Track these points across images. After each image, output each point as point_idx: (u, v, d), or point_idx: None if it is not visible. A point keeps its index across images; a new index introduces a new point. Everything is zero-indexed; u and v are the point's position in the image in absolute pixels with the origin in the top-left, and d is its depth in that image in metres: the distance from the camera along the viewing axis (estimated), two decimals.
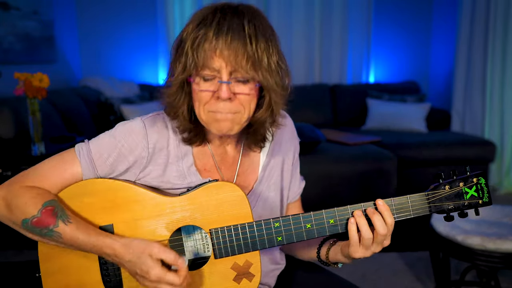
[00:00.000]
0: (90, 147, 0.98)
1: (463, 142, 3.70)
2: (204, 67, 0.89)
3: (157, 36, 4.53)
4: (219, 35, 0.87)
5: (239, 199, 0.97)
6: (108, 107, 3.67)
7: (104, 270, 0.97)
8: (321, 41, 4.77)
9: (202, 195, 0.97)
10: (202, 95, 0.91)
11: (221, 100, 0.90)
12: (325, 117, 4.54)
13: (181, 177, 1.01)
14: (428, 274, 2.43)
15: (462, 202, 0.98)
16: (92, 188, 0.97)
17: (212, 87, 0.91)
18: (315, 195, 2.95)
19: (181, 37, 0.92)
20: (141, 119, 1.01)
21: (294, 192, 1.19)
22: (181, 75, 0.91)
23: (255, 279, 0.99)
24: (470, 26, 4.06)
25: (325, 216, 0.97)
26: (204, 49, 0.87)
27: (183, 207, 0.97)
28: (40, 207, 0.92)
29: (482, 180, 0.98)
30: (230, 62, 0.87)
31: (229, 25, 0.88)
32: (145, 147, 0.98)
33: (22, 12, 3.48)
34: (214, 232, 0.96)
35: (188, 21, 0.93)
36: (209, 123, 0.94)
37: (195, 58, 0.88)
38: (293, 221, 0.97)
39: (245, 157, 1.09)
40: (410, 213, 0.97)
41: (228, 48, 0.87)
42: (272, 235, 0.96)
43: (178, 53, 0.92)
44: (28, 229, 0.93)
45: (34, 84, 2.29)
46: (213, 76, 0.90)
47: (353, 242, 0.95)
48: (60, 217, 0.92)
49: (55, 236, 0.92)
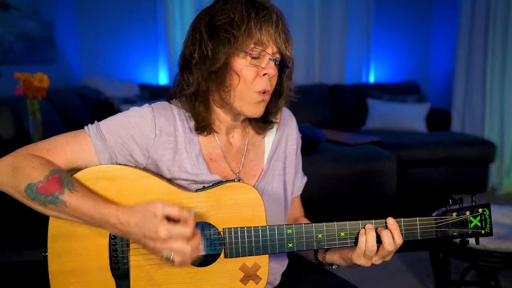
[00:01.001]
0: (100, 125, 1.00)
1: (463, 142, 3.70)
2: (258, 46, 0.96)
3: (157, 36, 4.53)
4: (278, 19, 0.98)
5: (255, 202, 0.98)
6: (108, 107, 3.67)
7: (113, 257, 0.97)
8: (321, 41, 4.78)
9: (220, 194, 0.98)
10: (248, 73, 0.97)
11: (265, 78, 0.98)
12: (325, 117, 4.54)
13: (191, 162, 1.03)
14: (428, 274, 2.43)
15: (465, 230, 1.02)
16: (110, 173, 0.97)
17: (256, 61, 0.98)
18: (315, 195, 2.95)
19: (229, 18, 0.96)
20: (149, 104, 1.04)
21: (297, 187, 1.21)
22: (235, 50, 0.96)
23: (261, 282, 1.00)
24: (470, 26, 4.06)
25: (337, 229, 0.99)
26: (267, 28, 0.96)
27: (199, 203, 0.97)
28: (47, 173, 0.91)
29: (487, 211, 1.03)
30: (278, 44, 0.98)
31: (274, 12, 0.98)
32: (153, 128, 1.00)
33: (22, 12, 3.48)
34: (227, 231, 0.97)
35: (218, 4, 0.99)
36: (248, 105, 1.00)
37: (254, 38, 0.96)
38: (306, 229, 0.98)
39: (250, 148, 1.12)
40: (417, 235, 1.01)
41: (281, 32, 0.98)
42: (283, 241, 0.98)
43: (228, 30, 0.96)
44: (31, 195, 0.91)
45: (34, 84, 2.29)
46: (262, 51, 0.97)
47: (359, 251, 0.98)
48: (66, 185, 0.91)
49: (59, 204, 0.90)
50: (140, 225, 0.87)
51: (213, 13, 0.98)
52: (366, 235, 0.97)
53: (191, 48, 1.00)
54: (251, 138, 1.13)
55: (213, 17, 0.98)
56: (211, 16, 0.98)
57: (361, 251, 0.97)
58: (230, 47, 0.95)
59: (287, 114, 1.19)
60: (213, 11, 0.99)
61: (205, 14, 1.00)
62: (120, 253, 0.97)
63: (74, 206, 0.90)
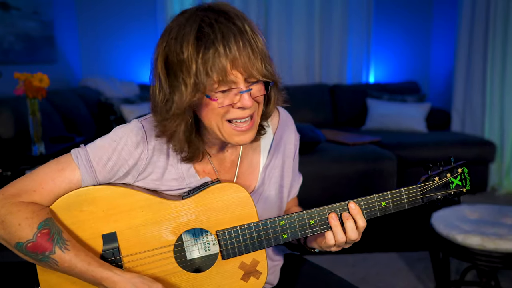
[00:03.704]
0: (87, 151, 0.94)
1: (463, 142, 3.70)
2: (222, 83, 0.85)
3: (157, 36, 4.48)
4: (229, 47, 0.82)
5: (244, 200, 0.97)
6: (108, 107, 3.67)
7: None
8: (321, 41, 4.78)
9: (206, 197, 0.97)
10: (221, 110, 0.87)
11: (241, 107, 0.87)
12: (325, 117, 4.54)
13: (179, 179, 1.00)
14: (428, 274, 2.43)
15: (448, 192, 1.04)
16: (91, 195, 0.93)
17: (228, 100, 0.87)
18: (315, 195, 2.95)
19: (179, 58, 0.85)
20: (139, 121, 0.98)
21: (294, 188, 1.20)
22: (193, 97, 0.85)
23: (262, 277, 1.00)
24: (470, 26, 4.06)
25: (327, 212, 0.98)
26: (220, 67, 0.83)
27: (188, 210, 0.96)
28: (35, 231, 0.86)
29: (465, 169, 1.06)
30: (245, 69, 0.84)
31: (231, 32, 0.83)
32: (145, 149, 0.95)
33: (22, 12, 3.48)
34: (221, 234, 0.97)
35: (170, 36, 0.87)
36: (230, 136, 0.91)
37: (211, 78, 0.83)
38: (297, 218, 0.98)
39: (244, 158, 1.08)
40: (404, 205, 1.01)
41: (241, 56, 0.83)
42: (277, 233, 0.98)
43: (179, 75, 0.86)
44: (21, 251, 0.88)
45: (34, 84, 2.29)
46: (229, 88, 0.86)
47: (330, 244, 0.99)
48: (57, 242, 0.87)
49: (50, 263, 0.88)
50: None
51: (168, 43, 0.88)
52: (333, 228, 0.97)
53: (154, 85, 0.92)
54: (245, 148, 1.07)
55: (168, 49, 0.88)
56: (168, 47, 0.88)
57: (332, 244, 0.98)
58: (194, 94, 0.85)
59: (284, 116, 1.14)
60: (168, 41, 0.88)
61: (162, 41, 0.91)
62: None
63: (67, 266, 0.88)
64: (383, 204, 0.99)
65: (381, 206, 0.99)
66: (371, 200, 0.99)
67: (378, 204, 0.99)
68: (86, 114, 3.51)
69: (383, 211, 1.00)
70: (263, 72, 0.86)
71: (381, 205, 0.99)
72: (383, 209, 1.00)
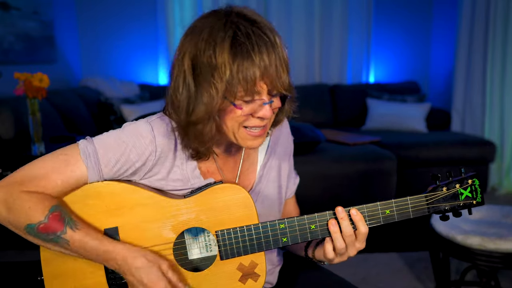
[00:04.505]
0: (96, 148, 0.94)
1: (463, 142, 3.70)
2: (248, 93, 0.87)
3: (157, 36, 4.53)
4: (263, 59, 0.85)
5: (245, 201, 0.98)
6: (108, 107, 3.68)
7: (110, 272, 0.97)
8: (321, 41, 4.78)
9: (208, 197, 0.97)
10: (241, 118, 0.91)
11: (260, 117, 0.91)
12: (325, 117, 4.54)
13: (184, 180, 1.01)
14: (428, 274, 2.43)
15: (457, 203, 1.02)
16: (96, 190, 0.95)
17: (249, 109, 0.90)
18: (315, 195, 2.95)
19: (210, 61, 0.86)
20: (148, 121, 0.98)
21: (290, 189, 1.20)
22: (222, 103, 0.88)
23: (260, 279, 1.00)
24: (470, 26, 4.06)
25: (329, 218, 0.98)
26: (252, 78, 0.85)
27: (189, 209, 0.97)
28: (47, 213, 0.89)
29: (476, 181, 1.03)
30: (272, 81, 0.87)
31: (264, 44, 0.86)
32: (153, 152, 0.96)
33: (22, 12, 3.48)
34: (220, 234, 0.97)
35: (201, 37, 0.88)
36: (244, 140, 0.95)
37: (241, 86, 0.86)
38: (298, 222, 0.98)
39: (246, 158, 1.11)
40: (409, 214, 1.00)
41: (270, 69, 0.86)
42: (277, 236, 0.98)
43: (209, 79, 0.87)
44: (31, 233, 0.90)
45: (34, 84, 2.28)
46: (253, 99, 0.89)
47: (330, 256, 1.00)
48: (68, 223, 0.90)
49: (61, 243, 0.90)
50: (143, 270, 0.90)
51: (198, 43, 0.89)
52: (332, 235, 0.97)
53: (175, 80, 0.93)
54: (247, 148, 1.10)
55: (197, 49, 0.89)
56: (196, 47, 0.89)
57: (331, 252, 0.99)
58: (217, 99, 0.88)
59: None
60: (198, 41, 0.89)
61: (191, 38, 0.91)
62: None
63: (78, 244, 0.90)
64: (387, 212, 0.99)
65: (384, 214, 0.99)
66: (374, 208, 0.99)
67: (382, 212, 0.99)
68: (86, 114, 3.51)
69: (387, 219, 1.00)
70: (286, 86, 0.90)
71: (385, 213, 0.99)
72: (387, 217, 1.00)
